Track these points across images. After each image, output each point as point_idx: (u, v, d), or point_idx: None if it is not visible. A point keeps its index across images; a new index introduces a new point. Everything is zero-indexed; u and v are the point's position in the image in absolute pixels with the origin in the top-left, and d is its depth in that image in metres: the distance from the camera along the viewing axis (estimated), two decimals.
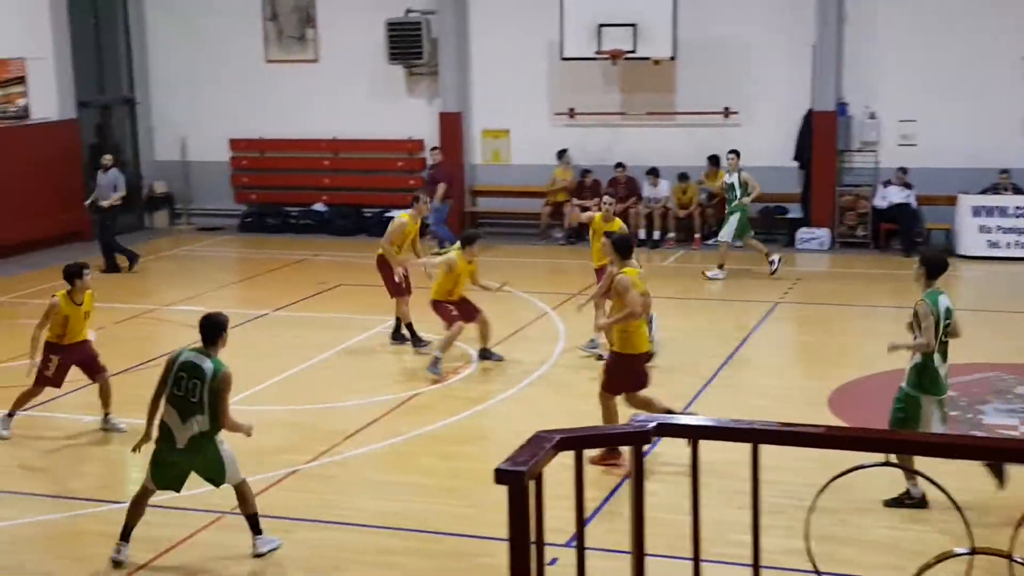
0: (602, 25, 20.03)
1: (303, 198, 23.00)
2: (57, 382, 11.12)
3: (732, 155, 18.27)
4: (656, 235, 20.73)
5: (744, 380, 12.82)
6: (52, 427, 11.58)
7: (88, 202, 19.53)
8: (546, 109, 21.61)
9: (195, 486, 9.80)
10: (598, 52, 20.15)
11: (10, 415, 11.22)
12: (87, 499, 9.64)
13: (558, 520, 5.04)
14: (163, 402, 8.32)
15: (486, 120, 22.06)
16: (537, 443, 4.19)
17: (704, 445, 4.65)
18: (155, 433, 8.36)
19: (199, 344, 8.39)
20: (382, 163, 22.70)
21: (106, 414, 11.23)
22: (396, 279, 14.11)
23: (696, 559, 4.78)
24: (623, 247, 10.27)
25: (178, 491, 8.52)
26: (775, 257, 17.85)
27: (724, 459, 8.43)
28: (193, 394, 8.16)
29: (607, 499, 9.06)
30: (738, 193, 17.89)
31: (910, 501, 9.02)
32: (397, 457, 10.56)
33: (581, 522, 4.62)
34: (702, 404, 11.71)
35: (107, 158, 19.27)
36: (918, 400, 8.97)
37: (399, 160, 22.67)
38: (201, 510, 9.30)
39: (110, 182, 19.09)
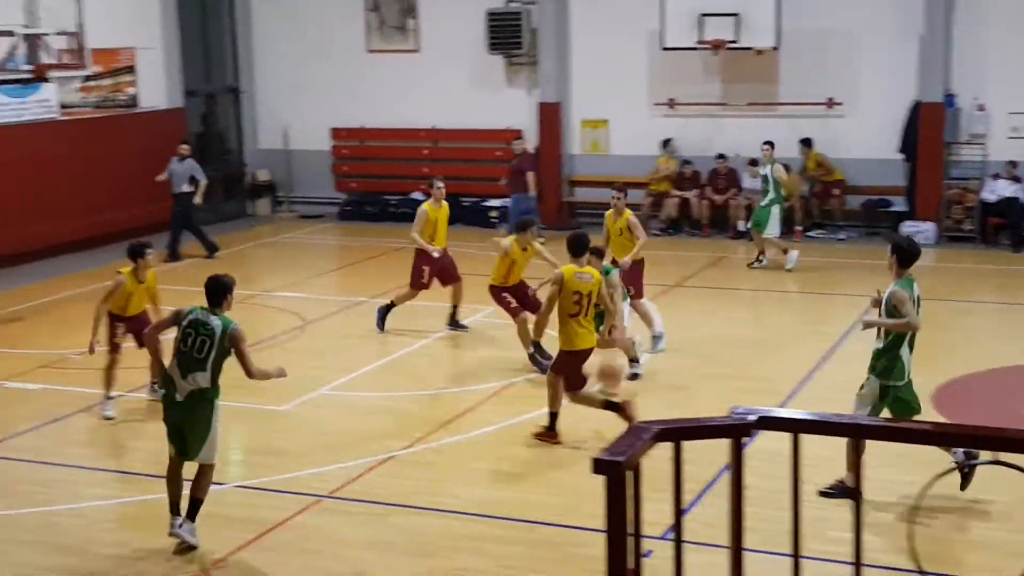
0: (704, 15, 19.84)
1: (402, 187, 23.16)
2: (120, 348, 11.54)
3: (767, 146, 18.12)
4: None
5: (844, 376, 12.60)
6: (152, 409, 11.81)
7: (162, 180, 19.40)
8: (646, 99, 21.48)
9: (292, 469, 9.95)
10: (699, 42, 19.97)
11: (110, 398, 11.48)
12: (189, 480, 9.81)
13: (652, 513, 5.01)
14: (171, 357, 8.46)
15: (585, 110, 21.99)
16: (635, 434, 4.17)
17: (804, 439, 4.59)
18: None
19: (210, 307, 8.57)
20: (480, 152, 22.77)
21: (152, 383, 11.52)
22: (422, 276, 14.32)
23: (796, 556, 4.72)
24: (573, 246, 10.48)
25: (185, 453, 8.49)
26: (764, 259, 17.89)
27: (824, 455, 8.35)
28: (200, 351, 8.31)
29: (703, 492, 8.98)
30: (771, 185, 17.76)
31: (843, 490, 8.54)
32: (492, 445, 10.59)
33: (679, 514, 4.58)
34: (801, 400, 11.57)
35: (183, 147, 19.34)
36: (877, 386, 8.77)
37: (497, 150, 22.69)
38: (299, 493, 9.44)
39: (185, 171, 19.21)
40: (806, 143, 20.11)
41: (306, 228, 22.59)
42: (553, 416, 10.46)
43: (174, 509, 8.47)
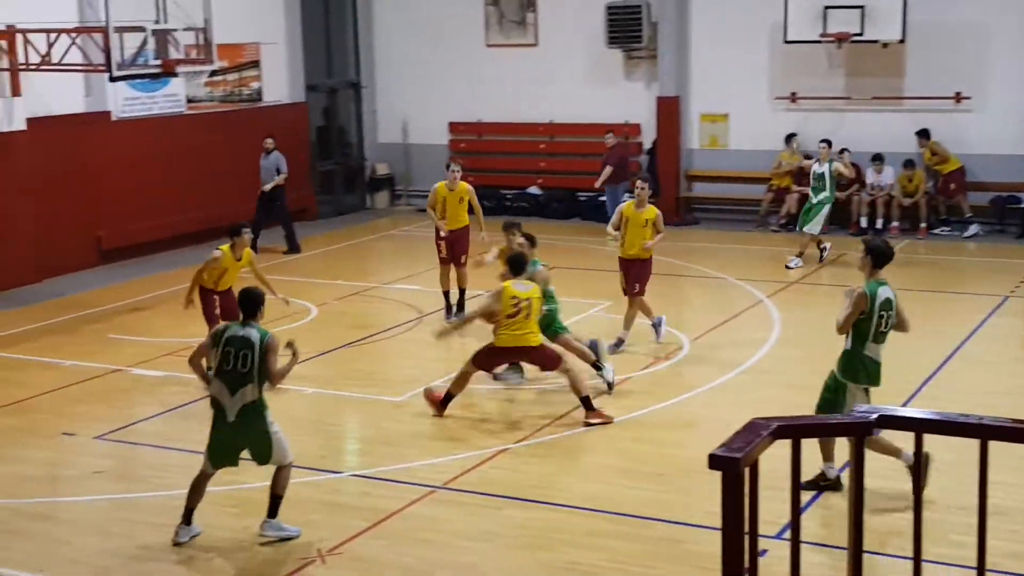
0: (828, 7, 19.50)
1: (518, 181, 23.21)
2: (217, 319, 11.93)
3: (824, 144, 17.89)
4: (879, 223, 20.07)
5: (969, 377, 12.29)
6: (275, 395, 12.02)
7: (273, 185, 19.47)
8: (767, 93, 21.19)
9: (407, 459, 10.05)
10: (823, 35, 19.64)
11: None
12: (308, 467, 9.97)
13: (767, 511, 4.93)
14: (213, 379, 8.46)
15: (704, 104, 21.78)
16: (753, 430, 4.10)
17: (926, 440, 4.47)
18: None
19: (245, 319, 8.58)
20: (598, 147, 22.63)
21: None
22: (440, 251, 14.96)
23: (916, 559, 4.60)
24: (515, 265, 11.04)
25: (235, 464, 8.59)
26: (796, 261, 17.50)
27: (948, 458, 8.16)
28: (244, 364, 8.29)
29: (819, 492, 8.84)
30: (827, 184, 17.50)
31: (825, 483, 8.87)
32: (606, 441, 10.55)
33: (797, 513, 4.50)
34: (923, 399, 11.30)
35: (269, 142, 19.38)
36: (845, 387, 8.79)
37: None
38: (413, 483, 9.52)
39: (271, 164, 19.34)
40: (923, 134, 19.66)
41: (423, 221, 22.69)
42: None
43: (188, 518, 8.53)
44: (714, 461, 3.97)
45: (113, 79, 14.87)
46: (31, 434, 11.06)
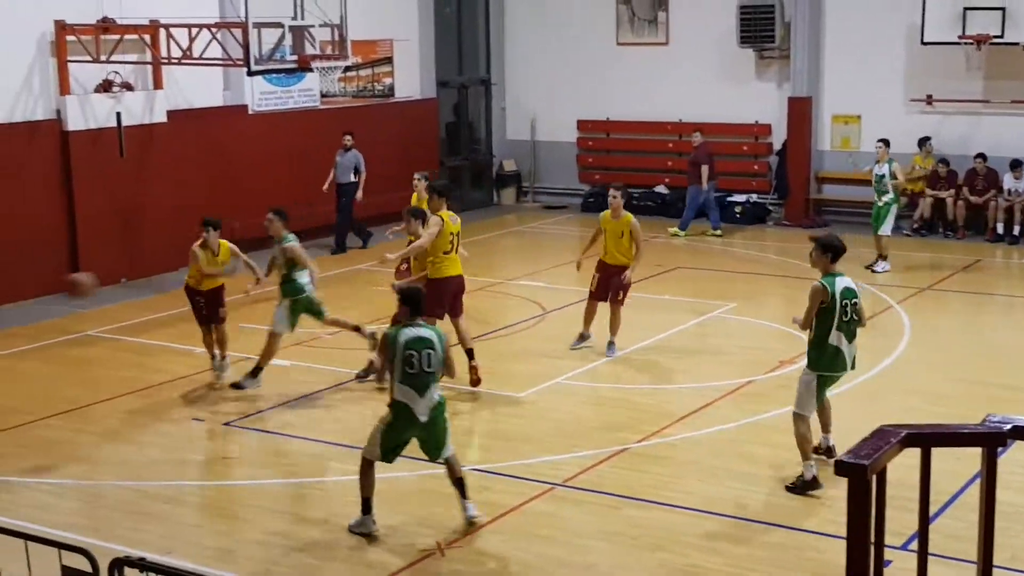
0: (967, 8, 19.00)
1: (646, 180, 23.10)
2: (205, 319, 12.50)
3: (881, 144, 17.36)
4: (1016, 230, 19.49)
5: None
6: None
7: (328, 183, 19.38)
8: (901, 95, 20.74)
9: (527, 455, 10.08)
10: (961, 36, 19.14)
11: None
12: (428, 460, 10.06)
13: (892, 521, 4.83)
14: (395, 384, 8.37)
15: (837, 105, 21.40)
16: (882, 437, 4.02)
17: None
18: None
19: (409, 316, 8.52)
20: (727, 147, 22.46)
21: (222, 356, 12.53)
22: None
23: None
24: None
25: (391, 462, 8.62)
26: (883, 265, 17.26)
27: None
28: (429, 364, 8.29)
29: (948, 503, 8.63)
30: (889, 185, 17.06)
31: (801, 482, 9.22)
32: (728, 443, 10.45)
33: (925, 523, 4.41)
34: None
35: (347, 138, 19.27)
36: (813, 378, 9.27)
37: (744, 144, 22.39)
38: (533, 480, 9.55)
39: (349, 162, 19.30)
40: None
41: (549, 218, 22.82)
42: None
43: (368, 507, 8.55)
44: (840, 467, 3.91)
45: (251, 73, 15.21)
46: (162, 419, 11.39)
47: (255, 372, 12.03)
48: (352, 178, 19.32)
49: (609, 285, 13.02)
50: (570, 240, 21.50)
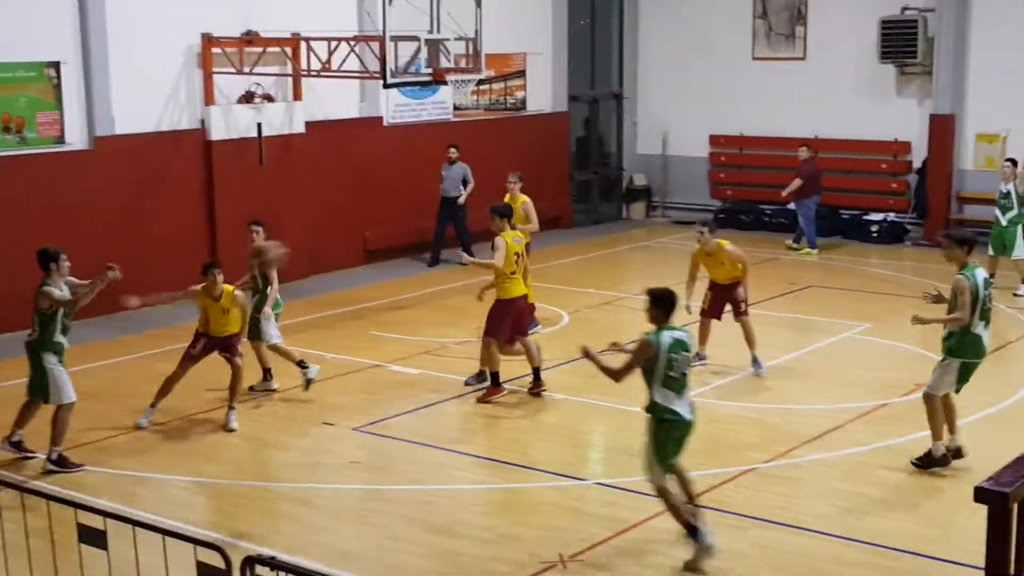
0: None
1: (779, 196, 22.78)
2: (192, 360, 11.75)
3: (1008, 164, 16.93)
4: None
5: None
6: (523, 400, 12.23)
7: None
8: None
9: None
10: None
11: (153, 406, 11.72)
12: (552, 472, 10.09)
13: None
14: (657, 388, 8.30)
15: (981, 123, 20.84)
16: None
17: None
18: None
19: (661, 323, 8.44)
20: (864, 164, 22.07)
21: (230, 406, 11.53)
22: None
23: None
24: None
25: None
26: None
27: None
28: (686, 366, 8.35)
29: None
30: (1015, 203, 16.58)
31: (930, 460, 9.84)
32: (859, 467, 10.24)
33: None
34: None
35: (453, 151, 19.24)
36: (956, 364, 9.87)
37: (883, 162, 21.95)
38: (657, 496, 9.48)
39: (458, 175, 19.27)
40: None
41: (679, 234, 22.65)
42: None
43: (691, 531, 8.29)
44: (980, 495, 3.80)
45: (387, 86, 15.43)
46: (294, 422, 11.62)
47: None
48: (461, 190, 19.30)
49: (723, 302, 12.91)
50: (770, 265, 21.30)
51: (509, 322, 12.13)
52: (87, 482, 9.96)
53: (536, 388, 12.27)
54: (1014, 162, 17.14)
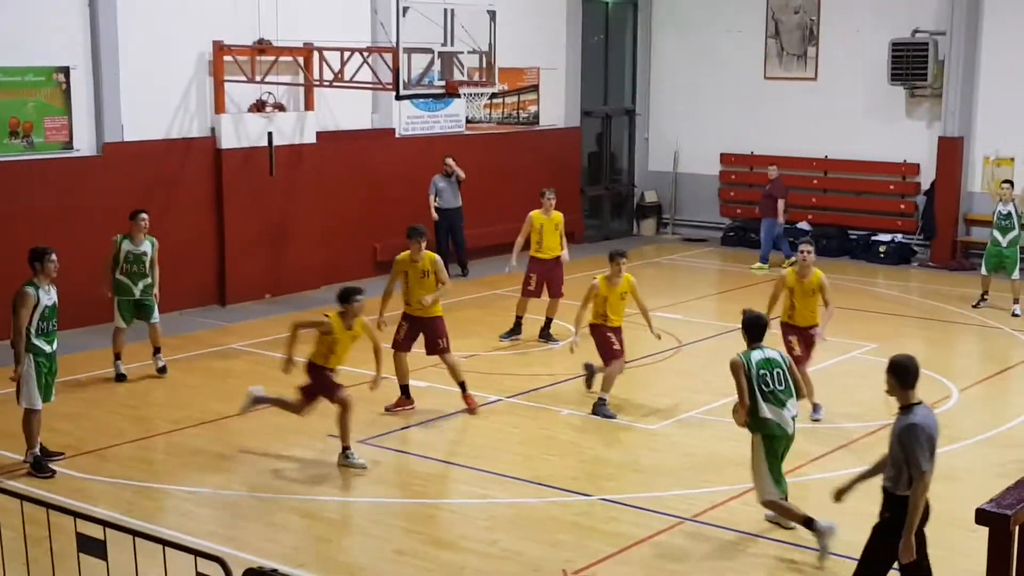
0: None
1: (789, 216, 22.79)
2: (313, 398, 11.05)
3: (1007, 185, 17.15)
4: None
5: None
6: (531, 415, 12.23)
7: (433, 209, 19.36)
8: None
9: (658, 488, 10.00)
10: None
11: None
12: (558, 487, 10.09)
13: None
14: (760, 403, 8.83)
15: (989, 146, 20.84)
16: None
17: None
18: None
19: (750, 344, 9.10)
20: (873, 185, 22.07)
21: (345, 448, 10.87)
22: (529, 282, 15.61)
23: None
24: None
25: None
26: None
27: None
28: (781, 382, 8.90)
29: None
30: (1016, 223, 16.81)
31: None
32: (864, 487, 10.18)
33: None
34: None
35: (451, 162, 19.32)
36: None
37: (891, 183, 21.94)
38: (662, 512, 9.48)
39: (453, 186, 19.38)
40: None
41: (689, 251, 22.68)
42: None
43: (809, 523, 8.84)
44: (981, 516, 3.81)
45: (399, 97, 15.44)
46: (300, 433, 11.60)
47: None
48: (457, 203, 19.42)
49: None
50: (708, 274, 21.35)
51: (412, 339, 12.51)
52: (87, 491, 9.97)
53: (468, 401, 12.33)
54: (1011, 183, 17.36)
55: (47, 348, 10.28)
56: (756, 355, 8.91)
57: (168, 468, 10.59)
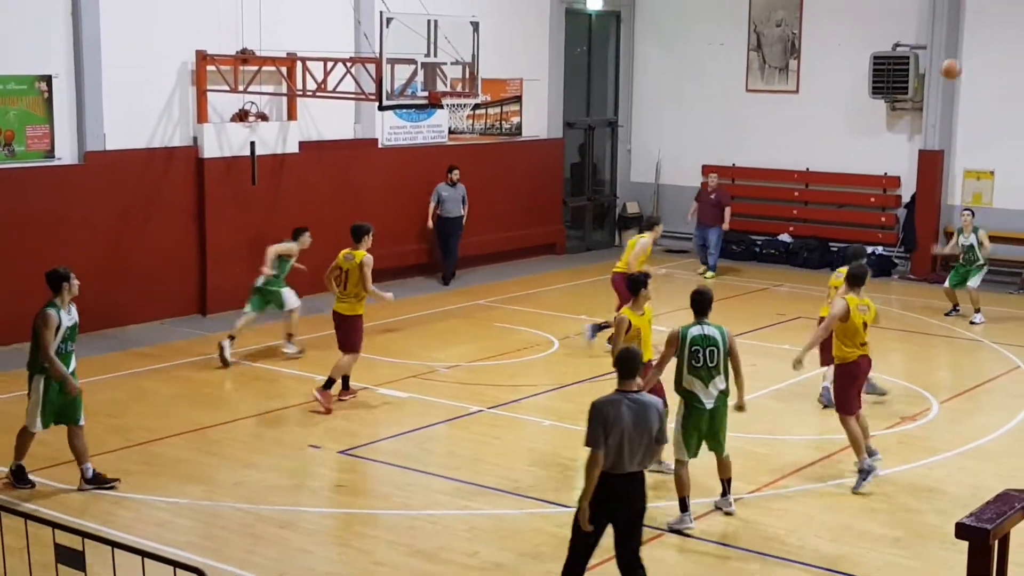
0: None
1: (769, 228, 22.90)
2: None
3: (967, 213, 17.81)
4: None
5: None
6: (512, 426, 12.23)
7: (432, 217, 19.87)
8: None
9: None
10: None
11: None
12: (539, 498, 10.08)
13: None
14: (684, 374, 9.41)
15: (969, 160, 20.96)
16: (1006, 501, 3.91)
17: None
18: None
19: (696, 319, 9.60)
20: (854, 197, 22.18)
21: None
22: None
23: None
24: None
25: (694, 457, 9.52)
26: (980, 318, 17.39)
27: None
28: (712, 359, 9.34)
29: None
30: (978, 253, 17.57)
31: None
32: (844, 498, 10.24)
33: None
34: None
35: (456, 172, 19.77)
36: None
37: (872, 196, 22.04)
38: (645, 525, 9.45)
39: (459, 195, 19.83)
40: None
41: (670, 262, 22.71)
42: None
43: (684, 506, 9.39)
44: (961, 530, 3.82)
45: (382, 108, 15.44)
46: (280, 444, 11.58)
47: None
48: (462, 212, 19.80)
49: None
50: (690, 284, 21.26)
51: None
52: (66, 501, 9.91)
53: (344, 395, 12.91)
54: (972, 212, 17.95)
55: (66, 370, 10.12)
56: (694, 330, 9.44)
57: (147, 478, 10.54)
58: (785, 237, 22.60)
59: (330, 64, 16.28)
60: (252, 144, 17.22)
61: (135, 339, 15.63)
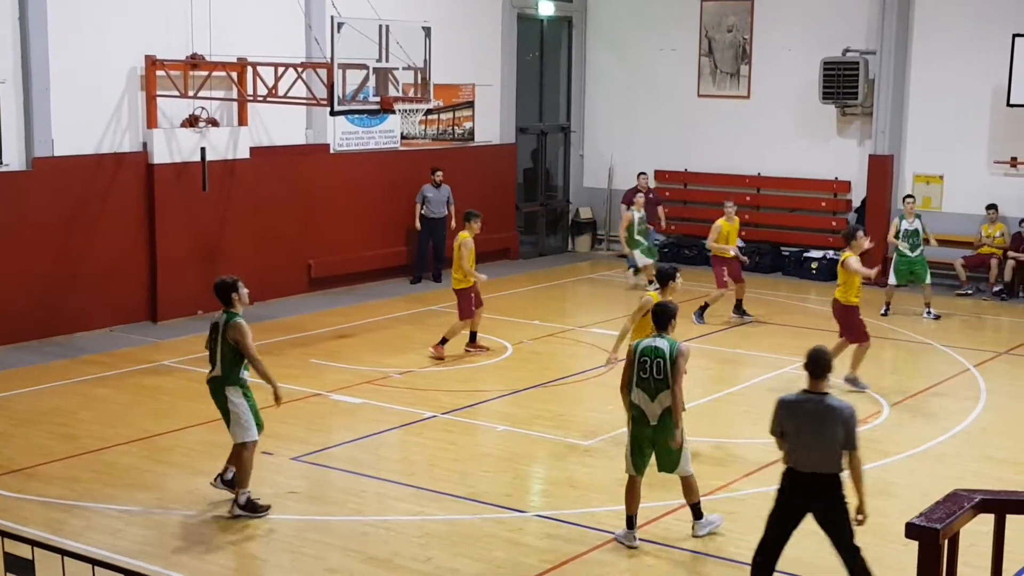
0: None
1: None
2: None
3: (910, 199, 18.40)
4: None
5: None
6: (467, 431, 12.21)
7: (418, 217, 20.24)
8: (985, 157, 20.47)
9: (593, 504, 10.01)
10: None
11: None
12: (493, 504, 10.07)
13: None
14: (633, 387, 9.18)
15: (919, 164, 21.19)
16: (955, 501, 3.95)
17: None
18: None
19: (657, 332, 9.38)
20: (805, 202, 22.35)
21: None
22: (723, 276, 17.63)
23: None
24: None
25: (642, 474, 9.29)
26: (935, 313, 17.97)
27: None
28: (659, 372, 9.10)
29: (1022, 571, 8.43)
30: (922, 237, 18.07)
31: None
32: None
33: None
34: None
35: (440, 174, 20.19)
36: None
37: (823, 200, 22.22)
38: (597, 529, 9.49)
39: (444, 197, 20.25)
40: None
41: (623, 267, 22.75)
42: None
43: (631, 523, 9.20)
44: (911, 530, 3.84)
45: (334, 113, 15.38)
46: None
47: None
48: (446, 212, 20.22)
49: None
50: (642, 290, 21.43)
51: None
52: (14, 510, 9.78)
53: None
54: (914, 198, 18.67)
55: (249, 379, 10.08)
56: (646, 342, 9.30)
57: (98, 486, 10.42)
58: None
59: (281, 69, 16.20)
60: (203, 150, 17.09)
61: (84, 346, 15.46)
